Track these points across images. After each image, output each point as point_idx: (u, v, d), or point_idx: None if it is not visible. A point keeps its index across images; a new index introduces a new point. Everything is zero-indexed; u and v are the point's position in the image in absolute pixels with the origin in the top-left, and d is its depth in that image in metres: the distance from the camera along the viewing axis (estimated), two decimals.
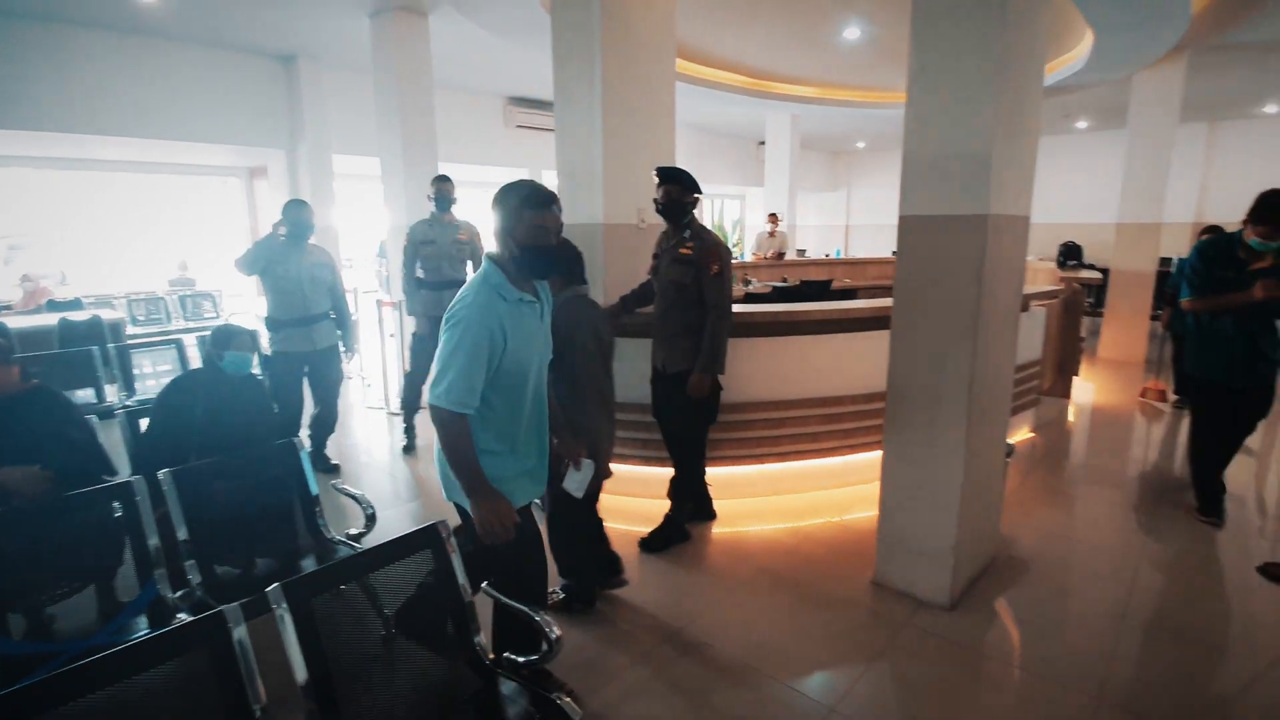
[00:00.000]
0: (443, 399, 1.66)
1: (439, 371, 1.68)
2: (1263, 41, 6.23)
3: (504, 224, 1.74)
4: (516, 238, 1.72)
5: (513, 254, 1.75)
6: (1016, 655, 2.37)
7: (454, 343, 1.66)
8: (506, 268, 1.76)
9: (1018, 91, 2.46)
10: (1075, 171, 11.92)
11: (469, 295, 1.72)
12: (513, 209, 1.73)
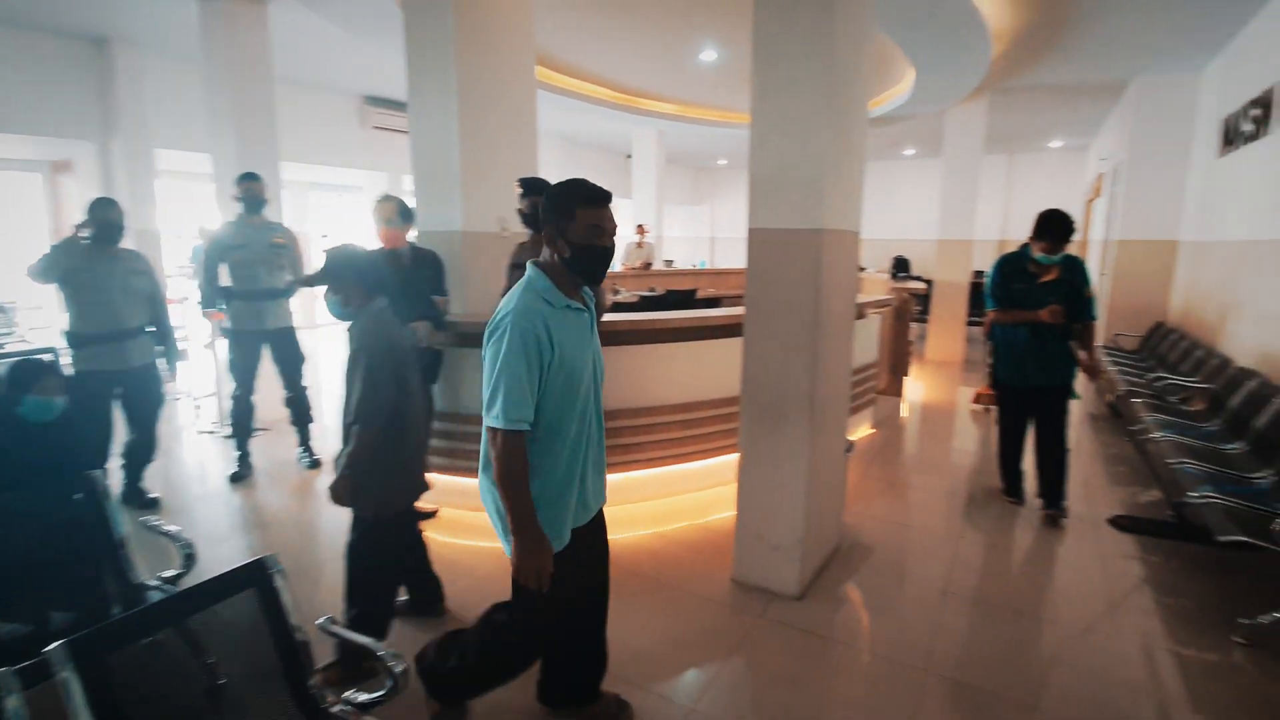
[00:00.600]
0: (500, 419, 1.52)
1: (492, 388, 1.55)
2: (1045, 85, 7.30)
3: (554, 224, 1.62)
4: (570, 238, 1.60)
5: (563, 257, 1.62)
6: (857, 636, 2.57)
7: (499, 354, 1.54)
8: (554, 272, 1.64)
9: (845, 119, 2.70)
10: (904, 193, 13.29)
11: (509, 302, 1.60)
12: (564, 207, 1.61)
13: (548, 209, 1.63)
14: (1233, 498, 2.78)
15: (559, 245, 1.62)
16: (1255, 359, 4.11)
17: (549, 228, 1.63)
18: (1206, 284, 5.51)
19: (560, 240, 1.61)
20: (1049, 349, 3.47)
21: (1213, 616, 2.66)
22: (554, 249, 1.63)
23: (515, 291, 1.62)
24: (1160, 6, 4.86)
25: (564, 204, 1.61)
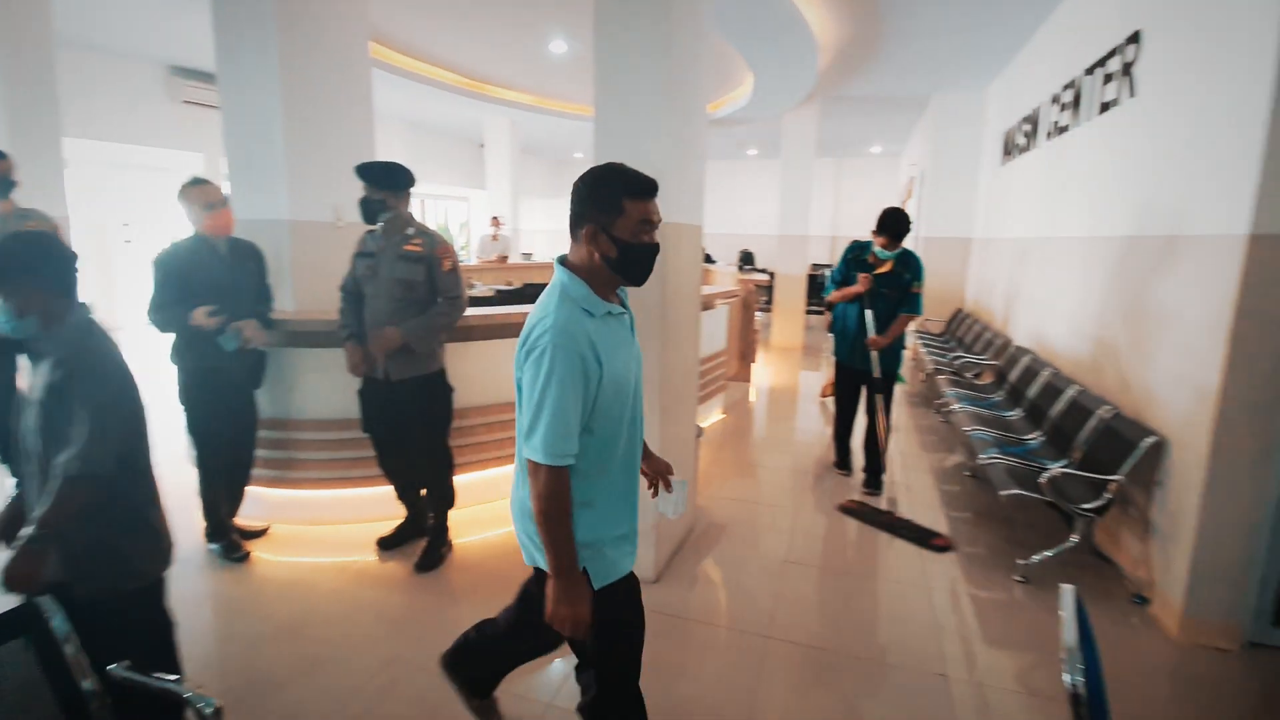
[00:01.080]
0: (540, 452, 1.33)
1: (532, 418, 1.35)
2: (865, 96, 8.07)
3: (595, 218, 1.39)
4: (616, 234, 1.39)
5: (609, 257, 1.40)
6: (709, 611, 2.70)
7: (538, 378, 1.33)
8: (593, 275, 1.42)
9: (686, 117, 2.80)
10: (748, 191, 14.12)
11: (548, 315, 1.37)
12: (608, 200, 1.39)
13: (586, 202, 1.41)
14: (1012, 458, 3.25)
15: (603, 243, 1.40)
16: (1029, 339, 4.84)
17: (588, 225, 1.40)
18: (993, 275, 6.39)
19: (604, 237, 1.39)
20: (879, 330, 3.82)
21: (1000, 561, 3.11)
22: (595, 247, 1.40)
23: (549, 301, 1.40)
24: (948, 31, 5.54)
25: (608, 196, 1.39)
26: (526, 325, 1.42)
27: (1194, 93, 2.75)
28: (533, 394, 1.34)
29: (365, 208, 2.79)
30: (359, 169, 2.77)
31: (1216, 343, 2.39)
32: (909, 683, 2.27)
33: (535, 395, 1.34)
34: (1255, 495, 2.37)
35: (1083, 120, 4.14)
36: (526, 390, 1.36)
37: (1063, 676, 1.06)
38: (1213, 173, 2.53)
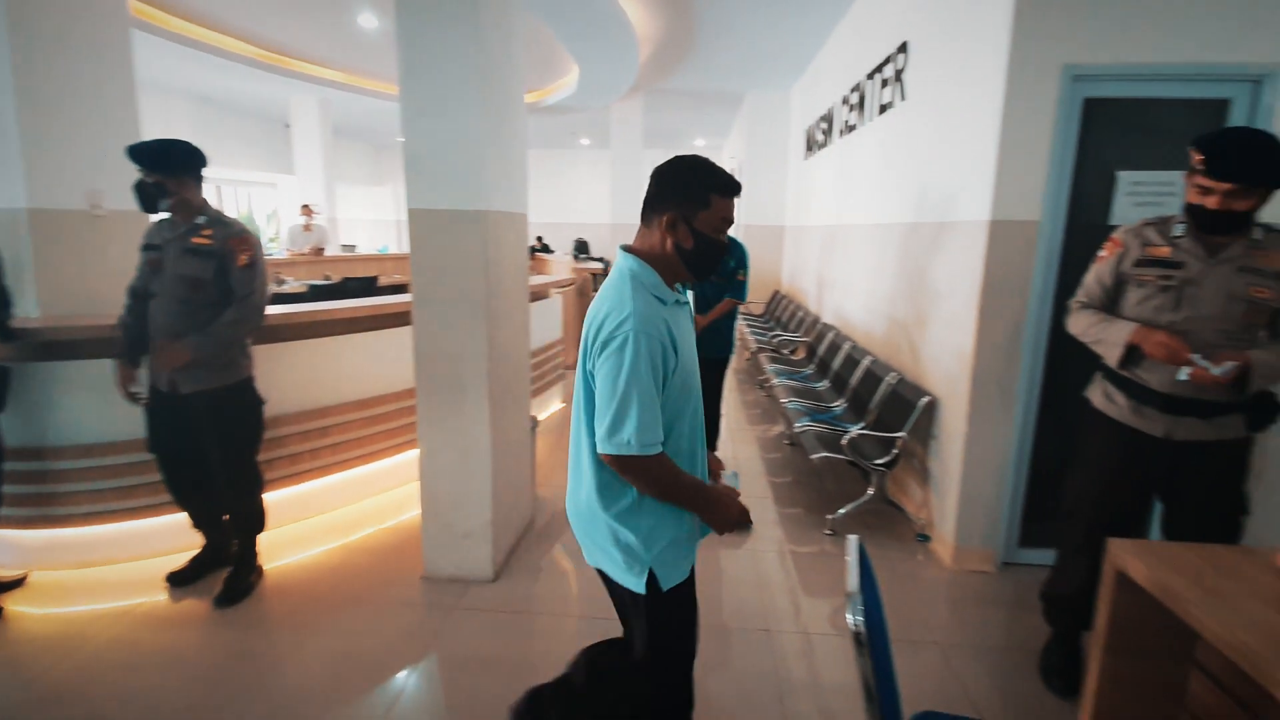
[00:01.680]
0: (635, 445, 1.28)
1: (617, 411, 1.29)
2: (686, 91, 8.43)
3: (677, 209, 1.36)
4: (697, 227, 1.36)
5: (684, 247, 1.38)
6: (552, 602, 2.70)
7: (628, 369, 1.28)
8: (662, 264, 1.40)
9: (501, 101, 2.73)
10: (582, 180, 14.22)
11: (625, 303, 1.32)
12: (695, 192, 1.36)
13: (672, 189, 1.38)
14: (821, 424, 3.61)
15: (681, 233, 1.38)
16: (834, 317, 5.39)
17: (669, 212, 1.37)
18: (803, 260, 7.01)
19: (684, 228, 1.37)
20: (710, 324, 3.67)
21: (814, 518, 3.44)
22: (672, 236, 1.38)
23: (621, 289, 1.35)
24: (755, 33, 5.96)
25: (697, 187, 1.37)
26: (594, 316, 1.37)
27: (949, 96, 3.19)
28: (615, 386, 1.29)
29: (141, 194, 2.41)
30: (130, 150, 2.38)
31: (971, 313, 2.82)
32: (740, 642, 2.44)
33: (620, 387, 1.28)
34: (1002, 442, 2.84)
35: (867, 120, 4.66)
36: (606, 383, 1.31)
37: (847, 617, 1.19)
38: (967, 167, 2.95)
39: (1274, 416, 1.92)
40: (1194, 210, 1.85)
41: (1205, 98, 2.58)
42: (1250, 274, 1.84)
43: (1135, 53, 2.51)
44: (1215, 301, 1.87)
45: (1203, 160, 1.77)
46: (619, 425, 1.29)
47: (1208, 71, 2.51)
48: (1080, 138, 2.65)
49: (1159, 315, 1.93)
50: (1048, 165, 2.62)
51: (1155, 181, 2.62)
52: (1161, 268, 1.92)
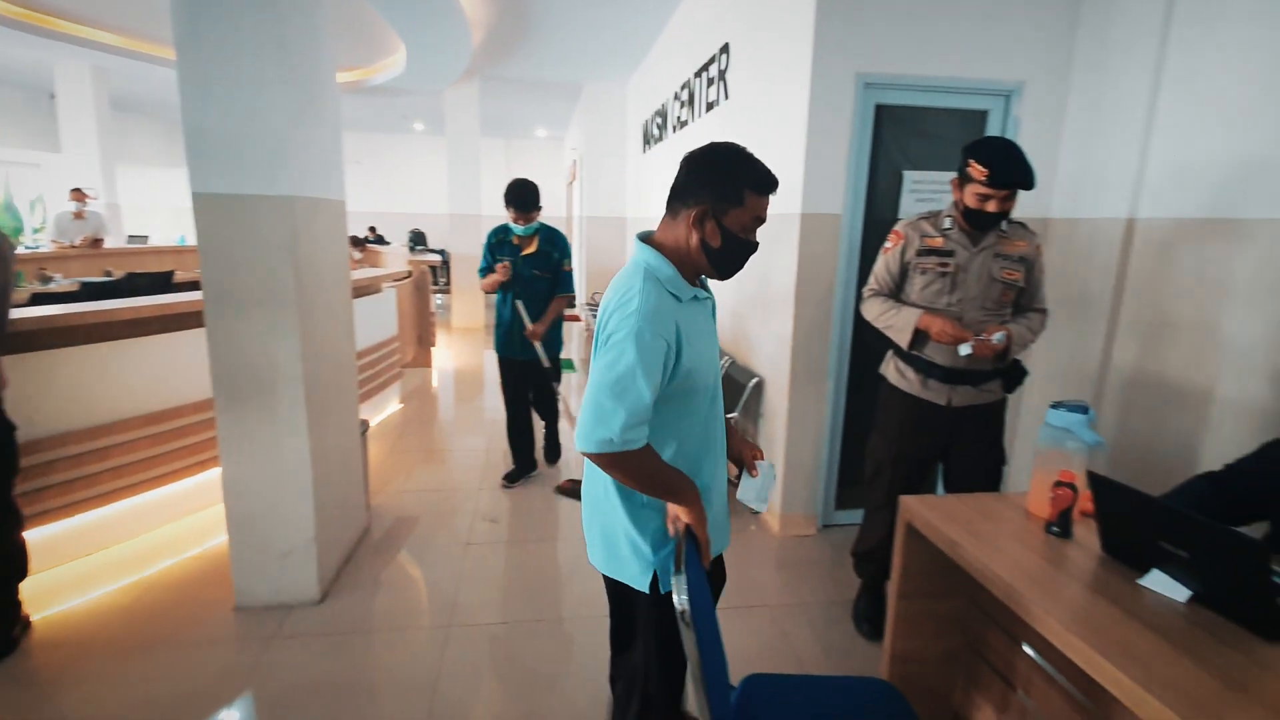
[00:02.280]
0: (617, 441, 1.22)
1: (609, 402, 1.22)
2: (524, 79, 8.26)
3: (709, 201, 1.29)
4: (727, 224, 1.30)
5: (707, 242, 1.31)
6: (387, 614, 2.54)
7: (626, 363, 1.22)
8: (682, 259, 1.33)
9: (308, 75, 2.48)
10: (418, 168, 13.48)
11: (632, 298, 1.26)
12: (732, 187, 1.28)
13: (703, 182, 1.29)
14: None
15: (709, 229, 1.30)
16: None
17: (700, 204, 1.29)
18: None
19: (712, 224, 1.30)
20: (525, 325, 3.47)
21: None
22: (699, 231, 1.30)
23: (631, 283, 1.29)
24: (589, 23, 5.97)
25: (733, 183, 1.28)
26: (604, 308, 1.32)
27: (765, 97, 3.40)
28: (612, 375, 1.22)
29: None
30: None
31: (789, 299, 3.04)
32: (583, 633, 2.45)
33: (616, 377, 1.22)
34: (818, 416, 3.11)
35: (697, 116, 4.85)
36: (605, 370, 1.24)
37: (675, 599, 1.19)
38: (783, 164, 3.16)
39: (1022, 379, 2.28)
40: (973, 213, 2.11)
41: (969, 108, 2.98)
42: (1002, 259, 2.16)
43: (914, 66, 2.83)
44: (979, 284, 2.17)
45: (987, 175, 2.01)
46: (610, 417, 1.22)
47: (970, 85, 2.90)
48: (873, 140, 2.95)
49: (939, 298, 2.20)
50: (847, 164, 2.88)
51: (932, 180, 2.98)
52: (938, 256, 2.19)
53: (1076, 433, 1.61)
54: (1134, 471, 2.61)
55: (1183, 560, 1.30)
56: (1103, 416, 2.77)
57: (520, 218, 3.39)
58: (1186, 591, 1.30)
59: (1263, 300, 2.17)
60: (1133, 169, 2.61)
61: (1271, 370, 2.15)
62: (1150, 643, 1.18)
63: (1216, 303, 2.31)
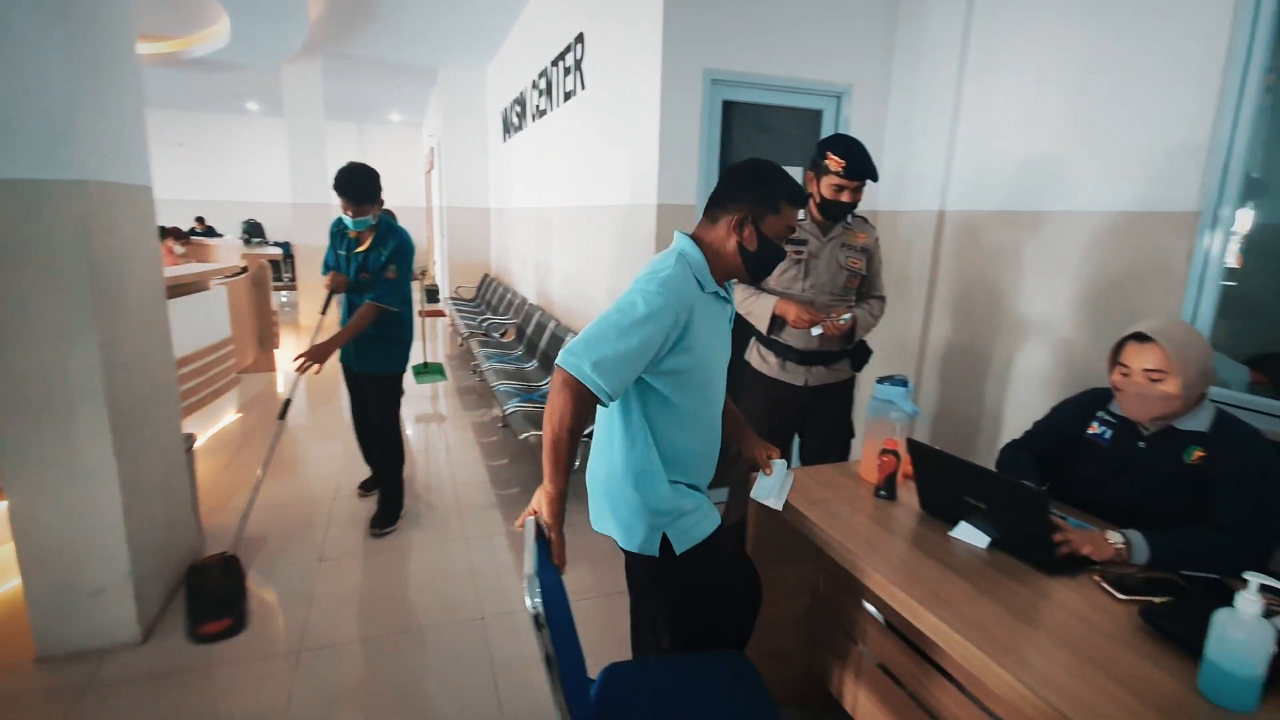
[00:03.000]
0: (586, 370, 1.23)
1: (598, 333, 1.26)
2: (372, 59, 7.74)
3: (752, 210, 1.39)
4: (764, 230, 1.40)
5: (744, 245, 1.41)
6: (226, 649, 2.30)
7: (635, 315, 1.27)
8: (716, 255, 1.43)
9: (100, 45, 2.15)
10: (255, 153, 12.25)
11: (663, 268, 1.35)
12: (769, 195, 1.39)
13: (746, 190, 1.40)
14: (529, 404, 3.67)
15: (747, 233, 1.41)
16: (539, 297, 5.52)
17: (740, 210, 1.40)
18: (508, 242, 7.04)
19: (751, 229, 1.41)
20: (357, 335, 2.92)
21: (529, 495, 3.48)
22: (736, 235, 1.41)
23: (666, 258, 1.40)
24: (442, 8, 5.70)
25: (771, 193, 1.40)
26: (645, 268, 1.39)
27: (620, 89, 3.43)
28: (617, 318, 1.27)
29: None
30: None
31: None
32: (451, 637, 2.37)
33: (620, 322, 1.26)
34: None
35: (556, 106, 4.80)
36: (614, 311, 1.29)
37: (526, 600, 1.16)
38: (639, 155, 3.20)
39: (868, 358, 2.49)
40: (828, 203, 2.26)
41: (807, 107, 3.18)
42: (848, 249, 2.35)
43: (757, 65, 2.97)
44: (828, 271, 2.34)
45: (844, 167, 2.17)
46: (595, 344, 1.25)
47: (807, 86, 3.09)
48: (723, 134, 3.07)
49: (794, 284, 2.35)
50: (698, 156, 2.98)
51: None
52: (794, 245, 2.34)
53: (898, 403, 1.78)
54: (952, 436, 2.95)
55: (983, 512, 1.48)
56: (924, 389, 3.09)
57: (351, 209, 2.84)
58: (987, 539, 1.48)
59: (1049, 281, 2.51)
60: (941, 166, 2.92)
61: (1055, 341, 2.50)
62: (958, 587, 1.33)
63: (1012, 284, 2.65)
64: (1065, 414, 1.73)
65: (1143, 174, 2.17)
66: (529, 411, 3.56)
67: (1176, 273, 2.09)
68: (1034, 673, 1.08)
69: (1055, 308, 2.49)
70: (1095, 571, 1.37)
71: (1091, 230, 2.35)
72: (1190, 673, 1.07)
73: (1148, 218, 2.17)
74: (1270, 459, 1.41)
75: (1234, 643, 1.00)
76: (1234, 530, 1.36)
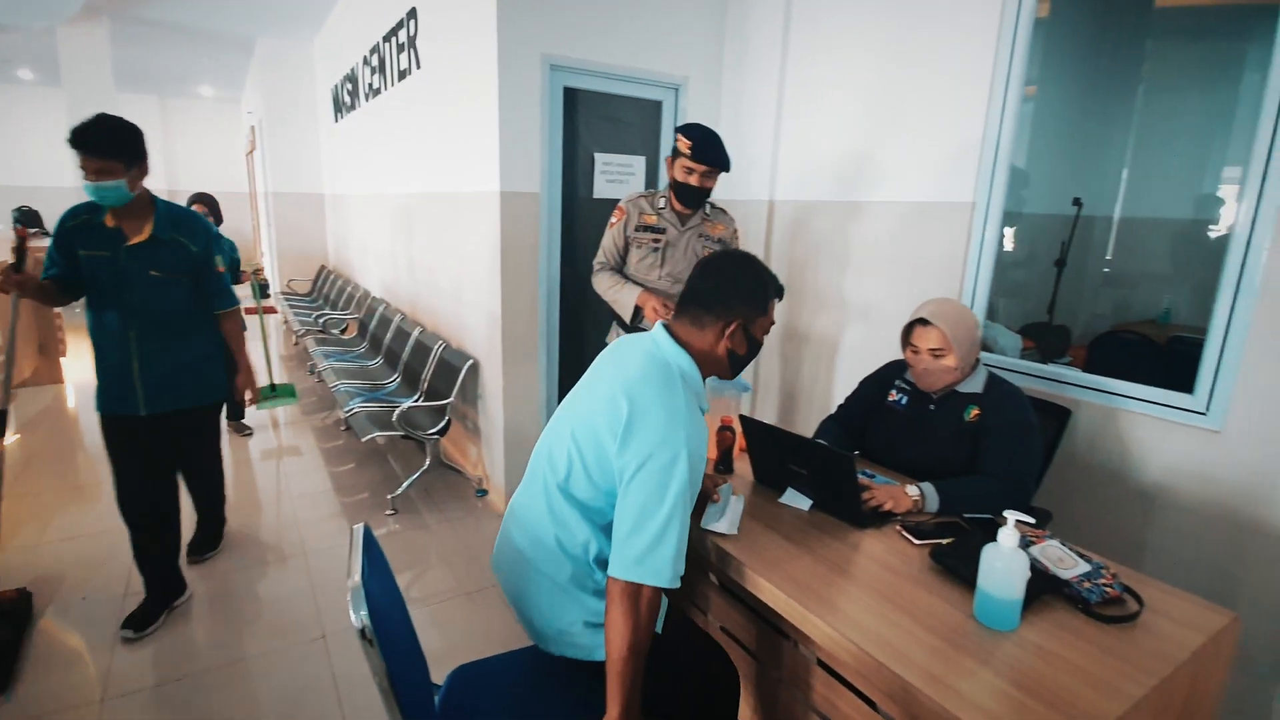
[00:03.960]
0: (666, 575, 1.15)
1: (657, 536, 1.14)
2: (174, 24, 6.81)
3: (745, 314, 1.33)
4: (753, 332, 1.36)
5: (735, 350, 1.34)
6: (27, 702, 1.95)
7: (673, 494, 1.15)
8: (709, 364, 1.35)
9: None
10: (31, 128, 10.40)
11: (678, 412, 1.20)
12: (760, 299, 1.34)
13: (740, 296, 1.32)
14: (374, 403, 3.45)
15: (738, 339, 1.33)
16: (383, 290, 5.20)
17: (735, 318, 1.31)
18: (346, 231, 6.55)
19: (741, 334, 1.33)
20: (150, 346, 2.18)
21: (379, 500, 3.30)
22: (728, 341, 1.32)
23: (672, 392, 1.23)
24: None
25: (762, 294, 1.35)
26: (630, 405, 1.20)
27: (456, 70, 3.28)
28: (659, 507, 1.16)
29: None
30: None
31: (495, 277, 3.02)
32: (290, 662, 2.18)
33: (664, 510, 1.16)
34: (532, 391, 3.17)
35: (389, 85, 4.51)
36: (649, 502, 1.16)
37: (351, 615, 1.03)
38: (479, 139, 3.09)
39: None
40: (679, 186, 2.32)
41: (647, 98, 3.24)
42: (705, 239, 2.44)
43: (596, 54, 2.98)
44: (685, 260, 2.41)
45: (690, 147, 2.23)
46: (657, 546, 1.15)
47: (647, 78, 3.15)
48: (566, 121, 3.05)
49: (651, 270, 2.40)
50: (541, 143, 2.94)
51: (619, 163, 3.20)
52: (653, 232, 2.38)
53: (731, 382, 1.88)
54: (790, 411, 3.17)
55: (804, 477, 1.60)
56: (766, 368, 3.30)
57: (94, 167, 1.96)
58: (809, 501, 1.61)
59: (865, 265, 2.76)
60: (769, 159, 3.11)
61: (872, 318, 2.76)
62: (783, 548, 1.43)
63: (836, 269, 2.89)
64: (869, 386, 1.92)
65: (934, 168, 2.45)
66: (373, 412, 3.35)
67: (959, 255, 2.39)
68: (843, 618, 1.19)
69: (871, 289, 2.75)
70: (897, 522, 1.54)
71: (898, 218, 2.61)
72: (968, 602, 1.23)
73: (938, 207, 2.45)
74: (1028, 413, 1.66)
75: (997, 572, 1.16)
76: (1000, 475, 1.59)
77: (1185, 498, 1.90)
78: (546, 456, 1.35)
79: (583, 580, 1.30)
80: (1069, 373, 2.16)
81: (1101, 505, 2.07)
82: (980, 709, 0.98)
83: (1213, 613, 1.23)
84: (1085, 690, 1.02)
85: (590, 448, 1.24)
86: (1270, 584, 1.76)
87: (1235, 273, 1.77)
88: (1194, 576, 1.87)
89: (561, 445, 1.30)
